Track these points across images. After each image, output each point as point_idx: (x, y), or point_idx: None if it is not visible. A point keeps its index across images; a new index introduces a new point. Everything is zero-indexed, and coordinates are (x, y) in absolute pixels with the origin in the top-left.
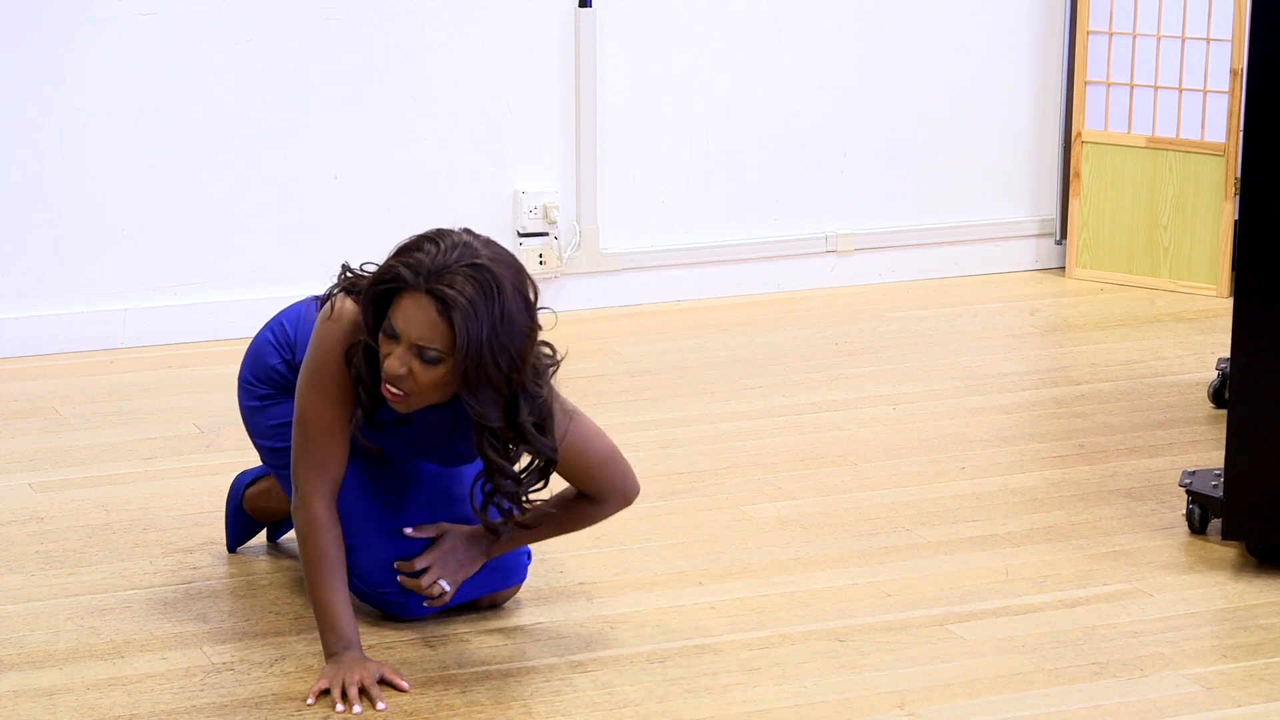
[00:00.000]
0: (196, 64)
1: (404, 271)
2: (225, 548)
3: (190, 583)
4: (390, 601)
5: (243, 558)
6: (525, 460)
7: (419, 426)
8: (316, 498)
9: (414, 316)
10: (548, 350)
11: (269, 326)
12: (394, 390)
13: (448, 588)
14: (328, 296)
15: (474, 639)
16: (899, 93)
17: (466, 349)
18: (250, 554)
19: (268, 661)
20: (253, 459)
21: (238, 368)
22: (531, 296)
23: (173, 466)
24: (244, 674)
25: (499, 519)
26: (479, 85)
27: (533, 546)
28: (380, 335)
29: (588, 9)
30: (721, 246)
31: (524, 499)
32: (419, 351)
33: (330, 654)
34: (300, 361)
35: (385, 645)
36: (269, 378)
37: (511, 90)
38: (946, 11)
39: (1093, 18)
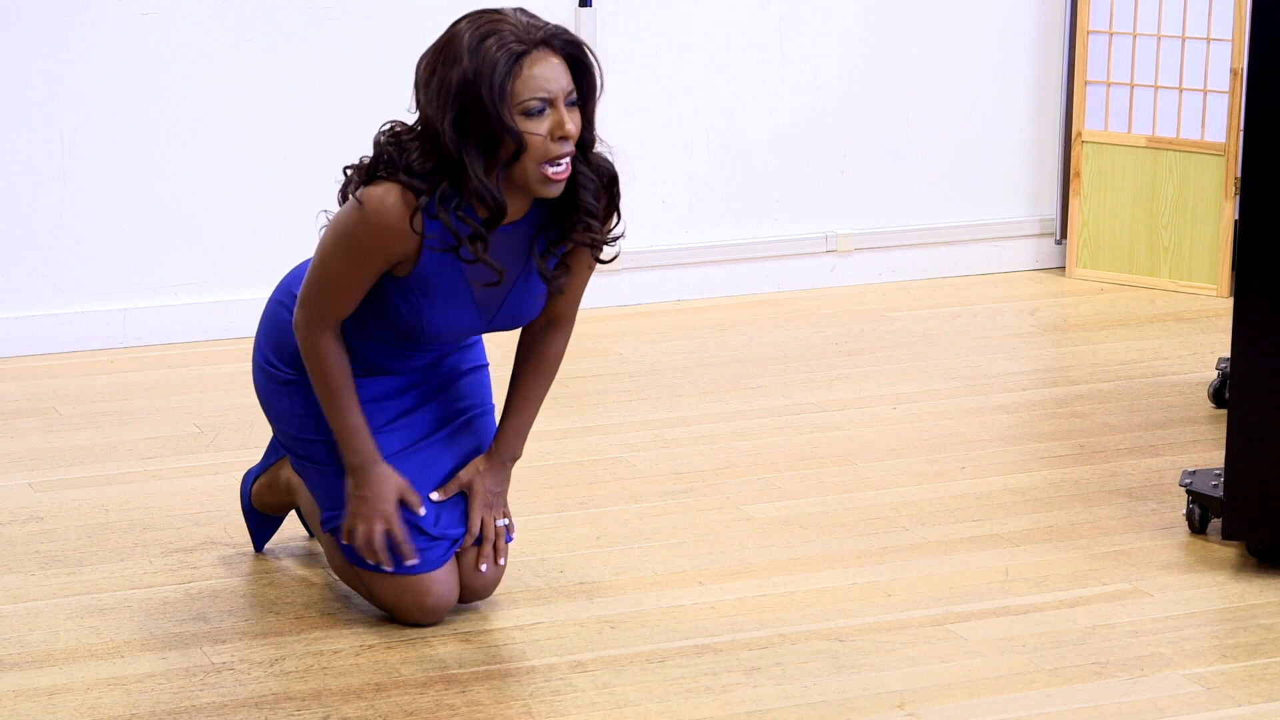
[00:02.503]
0: (196, 64)
1: (512, 48)
2: (226, 547)
3: (190, 583)
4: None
5: (243, 557)
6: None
7: (504, 249)
8: (323, 332)
9: (551, 73)
10: None
11: (277, 299)
12: (562, 162)
13: (506, 521)
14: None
15: (474, 639)
16: (899, 93)
17: (596, 62)
18: (250, 554)
19: (268, 661)
20: (253, 458)
21: (237, 367)
22: None
23: (173, 466)
24: (244, 674)
25: (555, 270)
26: None
27: (532, 550)
28: (520, 121)
29: (588, 9)
30: (721, 246)
31: (604, 233)
32: (569, 101)
33: (351, 467)
34: None
35: (385, 645)
36: (295, 358)
37: None
38: (946, 12)
39: (1093, 18)
